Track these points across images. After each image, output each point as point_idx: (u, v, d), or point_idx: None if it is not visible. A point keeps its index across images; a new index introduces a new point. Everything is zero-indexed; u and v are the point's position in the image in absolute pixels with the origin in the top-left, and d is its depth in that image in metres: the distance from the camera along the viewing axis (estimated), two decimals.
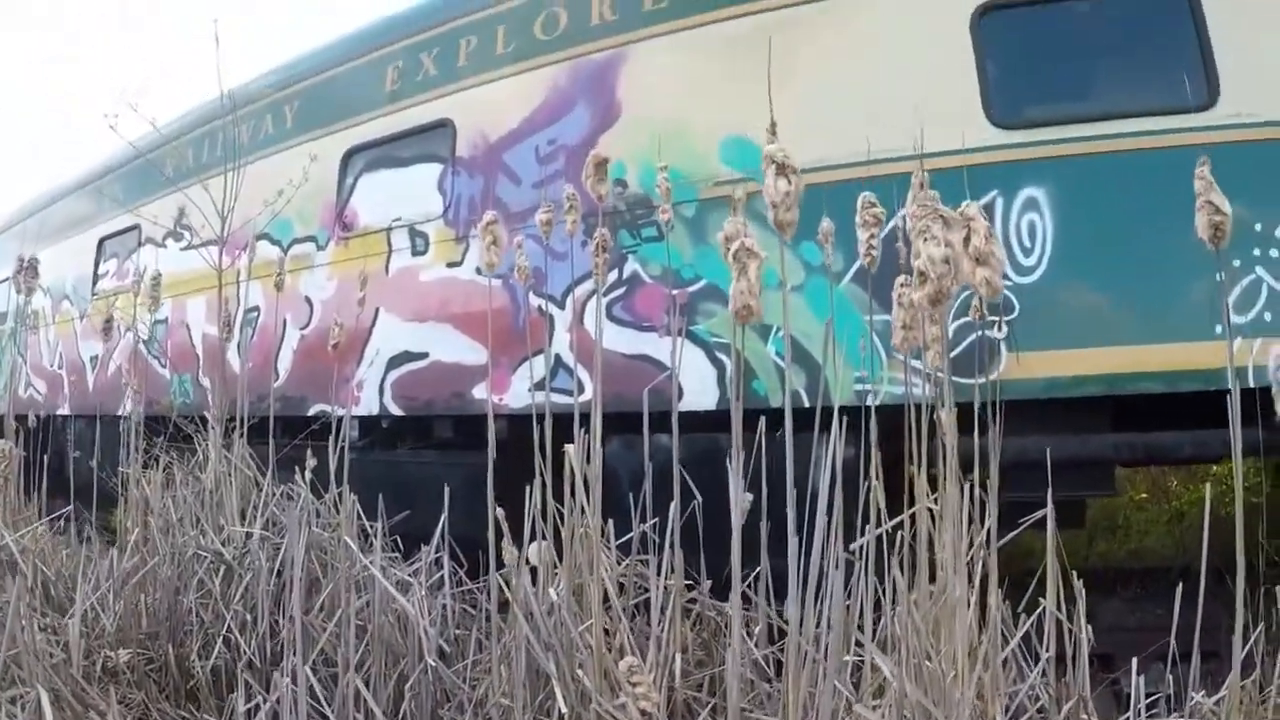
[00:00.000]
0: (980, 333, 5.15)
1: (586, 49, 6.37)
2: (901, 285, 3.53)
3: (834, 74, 5.77)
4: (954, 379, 5.00)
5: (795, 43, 5.81)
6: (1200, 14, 5.29)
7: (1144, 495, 8.27)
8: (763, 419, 3.93)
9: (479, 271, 6.40)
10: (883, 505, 3.69)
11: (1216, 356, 5.15)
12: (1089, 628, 3.51)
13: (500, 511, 4.13)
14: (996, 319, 5.19)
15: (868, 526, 3.51)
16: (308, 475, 5.47)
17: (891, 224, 5.21)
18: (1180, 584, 3.76)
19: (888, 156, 5.44)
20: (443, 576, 4.87)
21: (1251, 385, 5.00)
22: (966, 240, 3.07)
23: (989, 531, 3.43)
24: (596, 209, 5.87)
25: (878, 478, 3.70)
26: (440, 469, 6.51)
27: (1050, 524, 3.77)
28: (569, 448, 4.25)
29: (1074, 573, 3.70)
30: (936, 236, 2.90)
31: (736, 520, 3.31)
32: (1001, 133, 5.37)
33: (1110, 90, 5.56)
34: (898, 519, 3.73)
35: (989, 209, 5.28)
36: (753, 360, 5.61)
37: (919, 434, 3.66)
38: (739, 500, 3.32)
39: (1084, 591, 3.56)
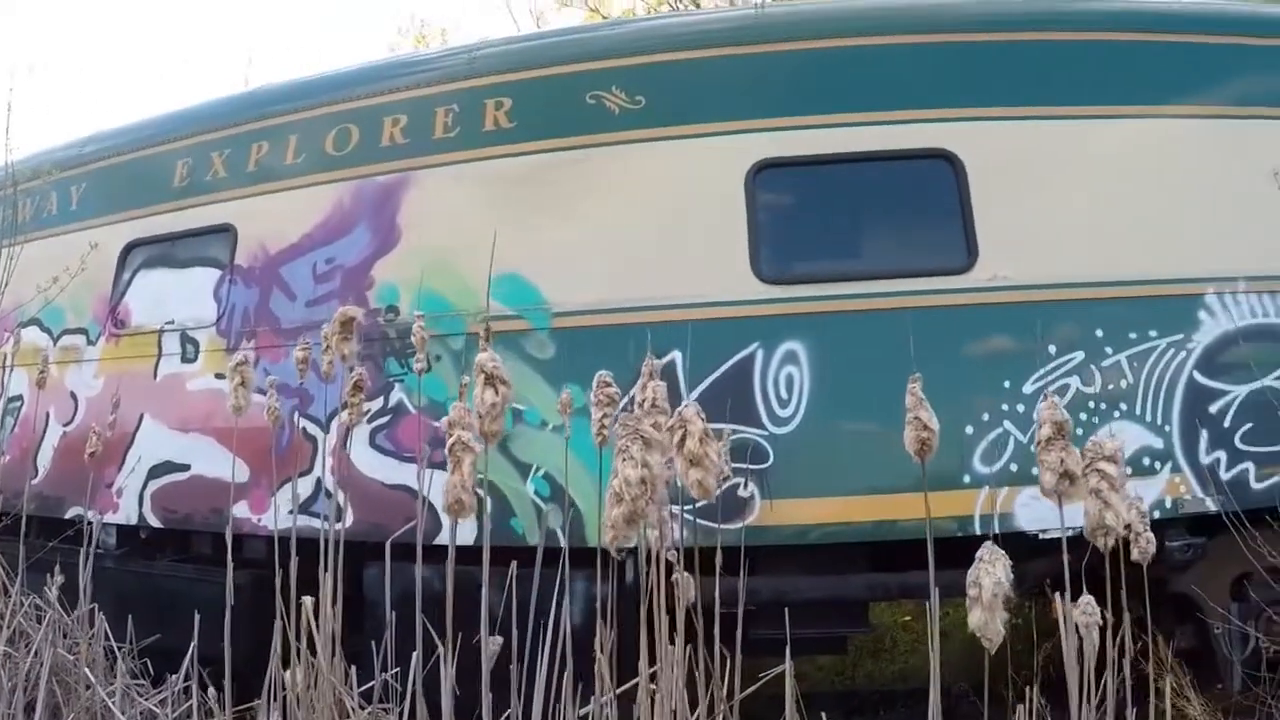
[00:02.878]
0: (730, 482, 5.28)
1: (373, 170, 6.34)
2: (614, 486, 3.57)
3: (614, 219, 5.90)
4: (709, 524, 5.14)
5: (577, 185, 5.93)
6: (965, 181, 5.64)
7: (908, 617, 8.49)
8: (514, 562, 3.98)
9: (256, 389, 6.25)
10: (609, 676, 3.72)
11: (966, 504, 5.41)
12: None
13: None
14: (744, 471, 5.33)
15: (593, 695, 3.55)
16: (55, 590, 5.20)
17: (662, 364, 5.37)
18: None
19: (663, 304, 5.60)
20: (191, 706, 4.67)
21: (998, 531, 5.33)
22: (682, 441, 3.15)
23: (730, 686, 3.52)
24: (370, 334, 5.86)
25: (602, 650, 3.72)
26: (198, 585, 6.27)
27: (789, 681, 3.85)
28: (306, 601, 4.16)
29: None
30: (634, 458, 2.95)
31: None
32: (766, 287, 5.57)
33: (875, 250, 5.84)
34: (625, 686, 3.75)
35: (750, 360, 5.46)
36: (511, 498, 5.62)
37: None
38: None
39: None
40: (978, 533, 5.43)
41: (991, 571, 3.35)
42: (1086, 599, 3.88)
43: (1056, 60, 5.93)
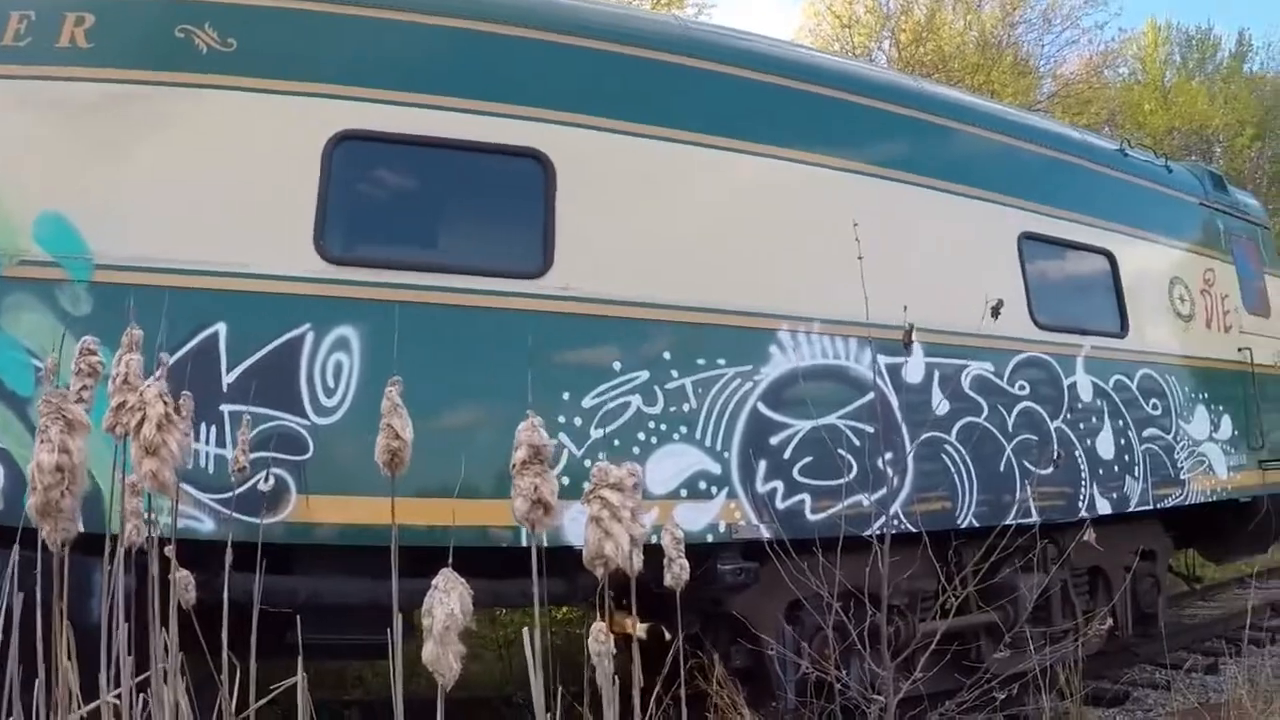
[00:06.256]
0: (264, 473, 4.93)
1: None
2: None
3: (181, 168, 5.31)
4: (241, 517, 4.76)
5: (148, 125, 5.34)
6: (553, 186, 5.45)
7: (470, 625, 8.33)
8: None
9: None
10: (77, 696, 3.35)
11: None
12: None
13: None
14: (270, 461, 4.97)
15: None
16: None
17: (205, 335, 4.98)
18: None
19: (216, 269, 5.15)
20: None
21: (545, 544, 5.16)
22: (139, 426, 2.78)
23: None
24: None
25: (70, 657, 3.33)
26: None
27: (302, 693, 3.56)
28: None
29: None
30: (52, 441, 2.55)
31: None
32: (328, 266, 5.19)
33: (450, 243, 5.58)
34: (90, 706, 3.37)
35: (299, 342, 5.09)
36: (28, 472, 5.03)
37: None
38: None
39: None
40: (523, 544, 5.30)
41: (445, 602, 3.14)
42: (598, 627, 3.76)
43: (676, 83, 5.88)
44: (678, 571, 4.04)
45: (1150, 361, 8.05)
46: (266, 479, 4.91)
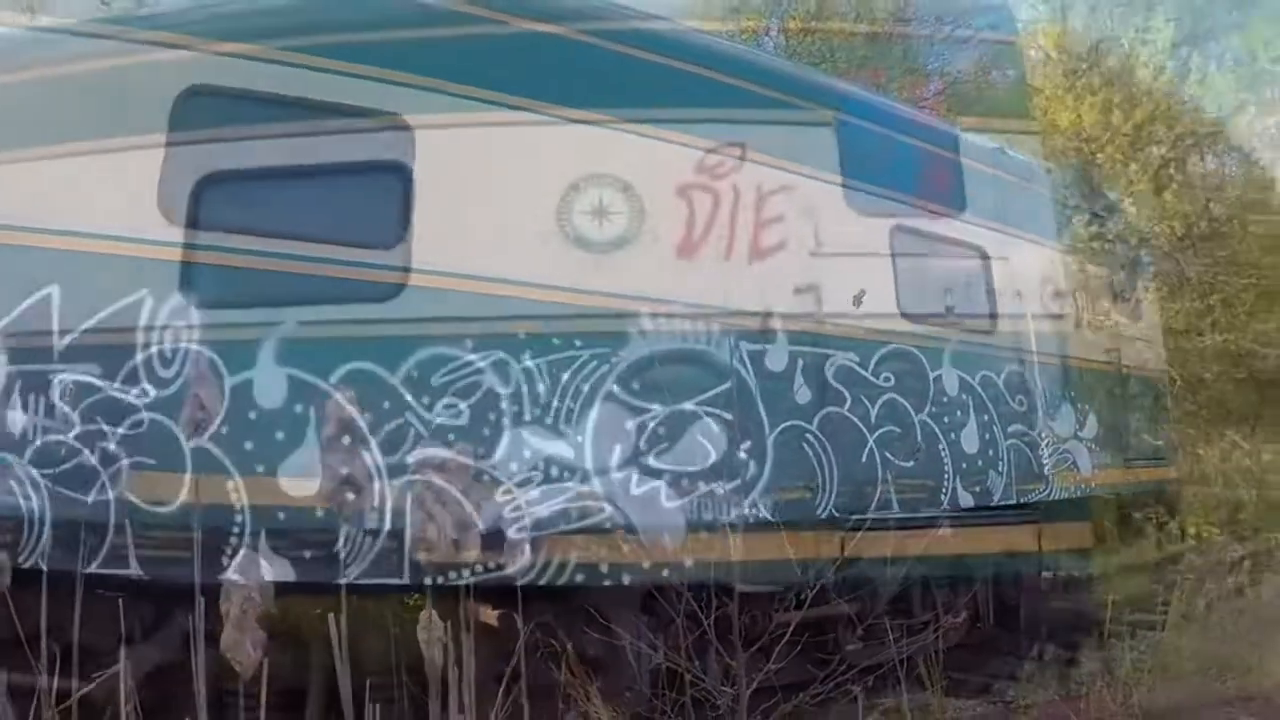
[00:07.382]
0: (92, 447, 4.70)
1: None
2: None
3: (19, 120, 5.13)
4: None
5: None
6: (411, 157, 5.35)
7: (317, 611, 8.11)
8: None
9: None
10: None
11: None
12: None
13: None
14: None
15: None
16: None
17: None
18: None
19: (52, 228, 4.92)
20: None
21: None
22: None
23: None
24: None
25: None
26: None
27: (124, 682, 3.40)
28: None
29: None
30: None
31: None
32: (170, 228, 4.99)
33: (303, 210, 5.39)
34: None
35: (138, 308, 4.88)
36: None
37: None
38: None
39: None
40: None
41: (242, 586, 3.02)
42: (425, 615, 3.66)
43: (541, 54, 5.79)
44: (521, 559, 3.96)
45: (1018, 358, 8.15)
46: (93, 452, 4.68)
